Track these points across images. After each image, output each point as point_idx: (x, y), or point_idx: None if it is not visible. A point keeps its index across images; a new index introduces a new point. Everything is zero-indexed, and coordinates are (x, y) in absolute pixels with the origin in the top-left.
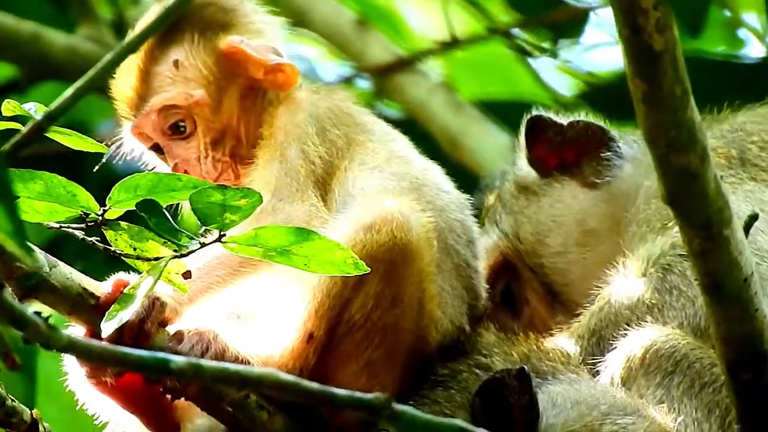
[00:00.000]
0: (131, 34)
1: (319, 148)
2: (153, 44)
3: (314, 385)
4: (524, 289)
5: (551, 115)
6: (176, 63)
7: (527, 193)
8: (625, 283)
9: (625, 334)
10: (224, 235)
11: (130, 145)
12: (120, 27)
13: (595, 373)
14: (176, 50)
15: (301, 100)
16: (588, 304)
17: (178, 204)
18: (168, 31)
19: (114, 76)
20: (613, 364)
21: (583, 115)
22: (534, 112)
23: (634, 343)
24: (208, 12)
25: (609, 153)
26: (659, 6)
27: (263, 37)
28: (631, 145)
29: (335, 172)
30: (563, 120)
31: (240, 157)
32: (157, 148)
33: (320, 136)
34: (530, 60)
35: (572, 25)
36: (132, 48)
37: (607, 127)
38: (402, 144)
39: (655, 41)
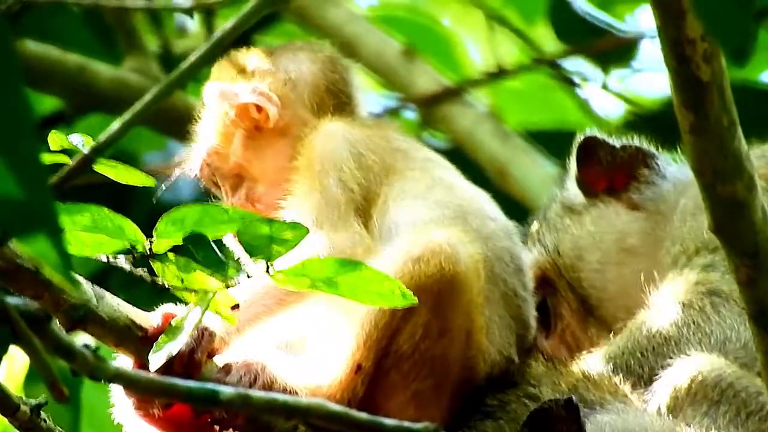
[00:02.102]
0: (179, 67)
1: (356, 173)
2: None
3: (363, 415)
4: (559, 304)
5: (604, 137)
6: (199, 118)
7: (572, 213)
8: (648, 314)
9: (660, 365)
10: (271, 266)
11: None
12: (167, 59)
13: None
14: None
15: (334, 129)
16: (623, 323)
17: None
18: None
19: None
20: (659, 394)
21: (636, 140)
22: (587, 133)
23: (680, 372)
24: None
25: (649, 171)
26: (707, 36)
27: (249, 78)
28: (672, 165)
29: (374, 199)
30: (616, 142)
31: (258, 198)
32: None
33: (356, 162)
34: (577, 89)
35: (618, 54)
36: (179, 81)
37: (657, 153)
38: (445, 170)
39: (702, 71)
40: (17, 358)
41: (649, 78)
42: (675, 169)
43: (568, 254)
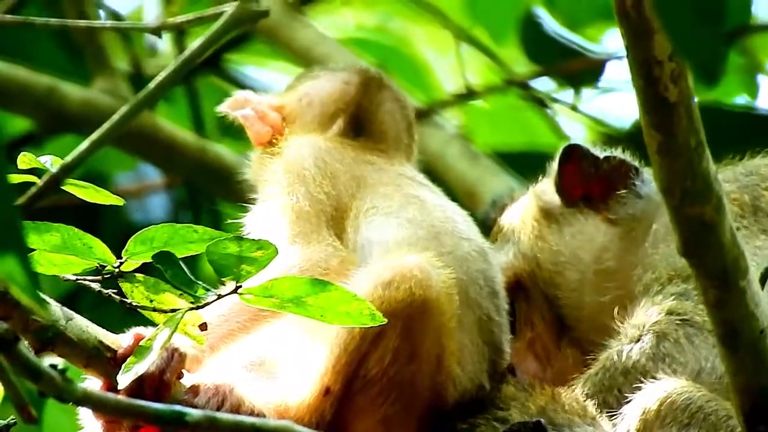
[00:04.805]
0: (148, 87)
1: (322, 182)
2: None
3: None
4: (532, 314)
5: (589, 146)
6: None
7: (550, 219)
8: (621, 348)
9: (626, 396)
10: (240, 286)
11: None
12: (138, 79)
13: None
14: None
15: (301, 140)
16: (595, 348)
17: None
18: None
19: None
20: (628, 417)
21: (620, 152)
22: (572, 141)
23: (650, 395)
24: None
25: (626, 191)
26: (674, 57)
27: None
28: (648, 183)
29: (347, 211)
30: (600, 153)
31: None
32: None
33: (321, 170)
34: (547, 111)
35: (589, 75)
36: (147, 101)
37: (640, 167)
38: (419, 187)
39: (669, 92)
40: None
41: (619, 99)
42: (652, 188)
43: (547, 267)
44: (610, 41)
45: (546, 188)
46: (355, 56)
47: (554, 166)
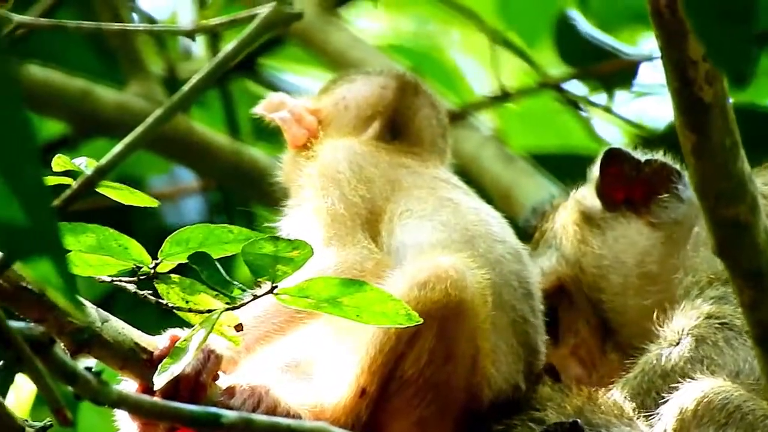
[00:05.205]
0: (182, 90)
1: (357, 185)
2: None
3: None
4: (576, 319)
5: (630, 150)
6: None
7: (591, 224)
8: (660, 351)
9: (664, 398)
10: (276, 286)
11: None
12: (172, 83)
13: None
14: None
15: (336, 144)
16: (636, 353)
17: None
18: None
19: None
20: (665, 417)
21: (660, 155)
22: (612, 146)
23: (687, 395)
24: None
25: (668, 194)
26: (708, 58)
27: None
28: (689, 187)
29: (381, 214)
30: (641, 156)
31: None
32: None
33: (356, 174)
34: (582, 112)
35: (623, 77)
36: (181, 104)
37: (682, 170)
38: (453, 189)
39: (704, 93)
40: (25, 385)
41: (653, 102)
42: (689, 189)
43: (591, 272)
44: (645, 45)
45: (587, 193)
46: (389, 59)
47: (595, 170)
